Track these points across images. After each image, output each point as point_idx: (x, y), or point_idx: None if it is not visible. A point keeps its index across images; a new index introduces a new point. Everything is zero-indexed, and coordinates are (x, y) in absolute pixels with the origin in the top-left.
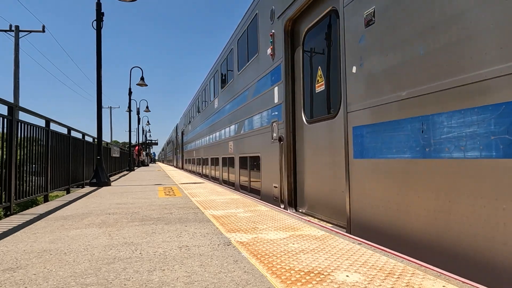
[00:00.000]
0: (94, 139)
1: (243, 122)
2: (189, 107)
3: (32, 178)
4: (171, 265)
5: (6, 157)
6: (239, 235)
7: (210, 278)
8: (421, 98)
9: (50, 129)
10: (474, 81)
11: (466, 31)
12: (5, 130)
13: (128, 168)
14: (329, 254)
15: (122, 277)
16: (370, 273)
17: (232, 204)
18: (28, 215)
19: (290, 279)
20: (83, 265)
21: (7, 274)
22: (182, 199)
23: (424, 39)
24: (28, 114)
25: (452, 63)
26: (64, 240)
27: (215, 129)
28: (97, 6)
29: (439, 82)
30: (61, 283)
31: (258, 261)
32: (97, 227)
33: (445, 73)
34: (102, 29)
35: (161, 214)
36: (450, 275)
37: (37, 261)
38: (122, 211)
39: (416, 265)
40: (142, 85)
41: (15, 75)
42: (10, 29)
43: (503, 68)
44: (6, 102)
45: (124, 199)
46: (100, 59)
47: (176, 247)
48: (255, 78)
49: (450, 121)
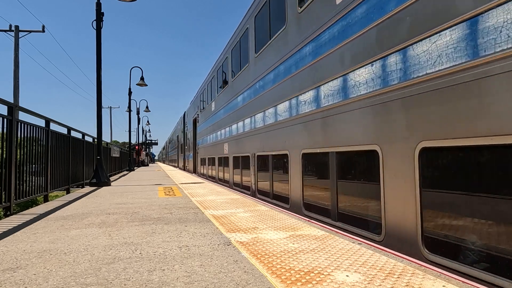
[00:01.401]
0: (94, 139)
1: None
2: (209, 81)
3: (32, 178)
4: (171, 265)
5: (6, 157)
6: (239, 235)
7: (210, 278)
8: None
9: (50, 129)
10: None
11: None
12: (5, 130)
13: (128, 168)
14: (329, 254)
15: (122, 277)
16: (370, 273)
17: (232, 204)
18: (28, 215)
19: (290, 279)
20: (83, 265)
21: (7, 274)
22: (182, 199)
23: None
24: (28, 114)
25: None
26: (64, 240)
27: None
28: (97, 6)
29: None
30: (61, 283)
31: (258, 261)
32: (97, 227)
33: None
34: (102, 30)
35: (161, 214)
36: (450, 275)
37: (37, 261)
38: (122, 211)
39: (416, 265)
40: (142, 85)
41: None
42: (10, 29)
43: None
44: (6, 102)
45: (124, 199)
46: (100, 59)
47: (176, 247)
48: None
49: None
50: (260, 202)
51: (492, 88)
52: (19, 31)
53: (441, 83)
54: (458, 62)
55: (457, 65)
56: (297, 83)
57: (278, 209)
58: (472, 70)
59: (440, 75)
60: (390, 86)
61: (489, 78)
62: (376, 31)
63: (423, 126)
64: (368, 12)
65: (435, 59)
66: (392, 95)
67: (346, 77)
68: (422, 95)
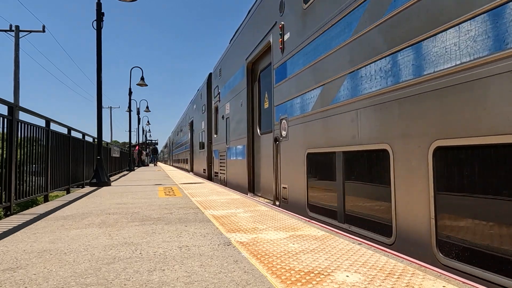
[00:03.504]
0: (94, 139)
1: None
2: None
3: (32, 178)
4: (171, 265)
5: (6, 157)
6: (239, 235)
7: (210, 278)
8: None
9: (50, 129)
10: None
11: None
12: (5, 130)
13: (128, 168)
14: (329, 254)
15: (122, 277)
16: (370, 273)
17: (232, 204)
18: (28, 215)
19: (290, 279)
20: (83, 265)
21: (7, 274)
22: (182, 199)
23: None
24: (28, 114)
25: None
26: (64, 240)
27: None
28: (97, 6)
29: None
30: (61, 283)
31: (258, 261)
32: (97, 227)
33: None
34: (102, 30)
35: (161, 214)
36: (450, 275)
37: (37, 261)
38: (122, 211)
39: (416, 265)
40: (142, 85)
41: (15, 75)
42: (10, 29)
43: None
44: (6, 102)
45: (124, 199)
46: (100, 59)
47: (176, 247)
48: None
49: None
50: (260, 202)
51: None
52: (19, 31)
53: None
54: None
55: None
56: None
57: (278, 209)
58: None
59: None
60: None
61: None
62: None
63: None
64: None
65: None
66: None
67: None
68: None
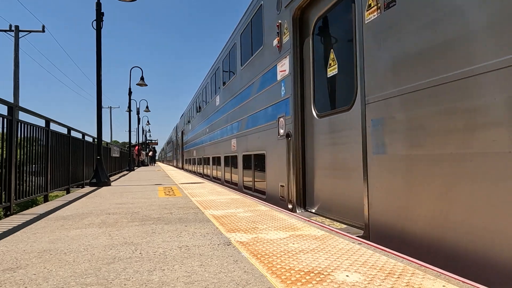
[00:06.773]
0: (94, 139)
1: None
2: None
3: (32, 178)
4: (171, 265)
5: (6, 157)
6: (239, 235)
7: (210, 278)
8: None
9: (50, 129)
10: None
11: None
12: (5, 130)
13: (128, 168)
14: (329, 254)
15: (122, 277)
16: (370, 273)
17: (232, 204)
18: (28, 215)
19: (290, 279)
20: (83, 265)
21: (7, 274)
22: (182, 199)
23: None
24: (28, 114)
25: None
26: (64, 240)
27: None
28: (97, 6)
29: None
30: (61, 283)
31: (258, 261)
32: (97, 227)
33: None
34: (102, 30)
35: (161, 214)
36: (450, 275)
37: (37, 261)
38: (122, 211)
39: (416, 265)
40: (142, 85)
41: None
42: (10, 29)
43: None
44: (6, 102)
45: (124, 199)
46: (100, 59)
47: (176, 247)
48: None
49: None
50: (261, 202)
51: None
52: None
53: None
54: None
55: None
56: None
57: (278, 209)
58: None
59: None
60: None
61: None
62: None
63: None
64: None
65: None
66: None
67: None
68: None
